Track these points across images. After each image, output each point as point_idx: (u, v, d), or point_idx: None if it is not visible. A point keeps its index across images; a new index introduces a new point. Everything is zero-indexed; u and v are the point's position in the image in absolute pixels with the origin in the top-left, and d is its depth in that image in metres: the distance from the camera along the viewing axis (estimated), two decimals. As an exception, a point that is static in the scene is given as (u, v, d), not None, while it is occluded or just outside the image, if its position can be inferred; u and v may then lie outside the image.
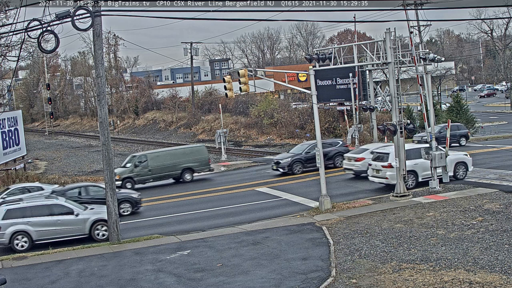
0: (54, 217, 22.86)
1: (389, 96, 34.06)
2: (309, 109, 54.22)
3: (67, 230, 22.96)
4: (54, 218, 22.83)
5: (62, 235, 22.92)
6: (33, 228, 22.47)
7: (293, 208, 25.99)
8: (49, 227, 22.71)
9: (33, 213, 22.74)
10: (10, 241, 22.32)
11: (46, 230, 22.66)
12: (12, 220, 22.40)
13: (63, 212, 23.04)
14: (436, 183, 26.57)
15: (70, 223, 22.95)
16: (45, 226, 22.64)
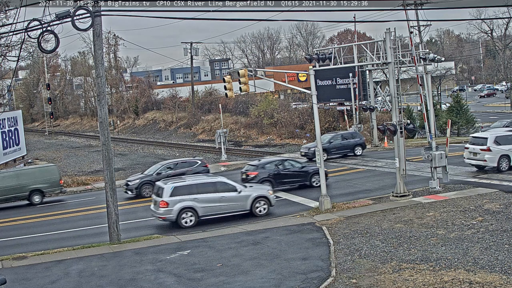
0: (219, 194, 24.18)
1: (389, 96, 34.08)
2: (309, 109, 54.21)
3: (230, 206, 24.26)
4: (219, 195, 24.13)
5: (225, 211, 24.29)
6: (199, 204, 23.67)
7: (293, 208, 26.00)
8: (214, 203, 23.97)
9: (199, 190, 23.96)
10: (178, 217, 23.53)
11: (211, 206, 23.90)
12: (179, 197, 23.52)
13: (227, 189, 24.42)
14: (436, 183, 26.57)
15: (233, 200, 24.21)
16: (210, 203, 23.86)
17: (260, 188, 25.69)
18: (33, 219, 28.97)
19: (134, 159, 52.94)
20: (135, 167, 46.59)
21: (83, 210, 29.94)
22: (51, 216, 29.20)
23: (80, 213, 29.08)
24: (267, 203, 25.08)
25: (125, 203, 30.32)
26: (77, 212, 29.44)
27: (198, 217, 23.73)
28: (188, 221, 23.64)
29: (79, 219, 27.91)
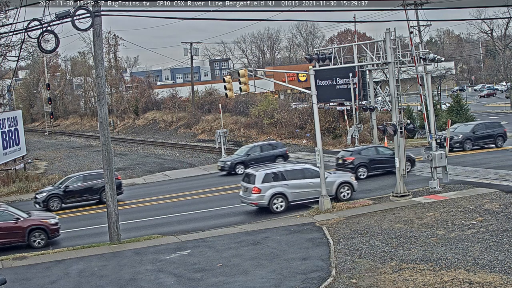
0: (307, 180, 25.34)
1: (389, 96, 34.06)
2: (309, 109, 54.18)
3: (316, 192, 25.01)
4: (307, 181, 25.29)
5: (312, 197, 25.25)
6: (289, 190, 24.90)
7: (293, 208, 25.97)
8: (302, 189, 25.14)
9: (288, 176, 25.20)
10: (269, 202, 24.71)
11: (299, 192, 25.08)
12: (270, 183, 24.73)
13: (313, 176, 25.38)
14: (436, 183, 26.57)
15: (319, 186, 24.73)
16: (298, 189, 25.05)
17: (343, 175, 26.99)
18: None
19: (134, 159, 52.93)
20: (135, 167, 46.62)
21: (83, 210, 29.94)
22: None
23: (80, 213, 29.08)
24: (350, 188, 26.37)
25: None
26: (77, 212, 29.44)
27: (288, 202, 24.92)
28: (279, 206, 24.88)
29: (79, 219, 27.91)
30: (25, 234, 22.64)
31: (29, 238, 22.69)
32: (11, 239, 22.62)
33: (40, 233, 22.84)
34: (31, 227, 22.70)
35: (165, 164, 47.40)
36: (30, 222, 22.80)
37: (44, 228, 22.90)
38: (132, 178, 40.55)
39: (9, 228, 22.45)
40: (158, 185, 36.86)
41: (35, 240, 22.73)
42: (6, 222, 22.48)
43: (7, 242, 22.53)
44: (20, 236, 22.63)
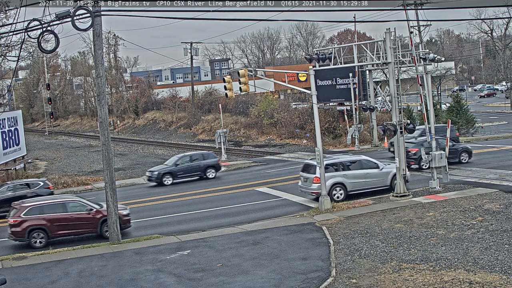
0: (364, 171, 26.38)
1: (389, 96, 34.07)
2: (309, 109, 54.19)
3: (373, 182, 26.27)
4: (364, 172, 26.32)
5: (369, 187, 26.35)
6: (348, 180, 25.95)
7: (293, 208, 26.00)
8: (360, 179, 26.20)
9: (346, 167, 26.36)
10: (329, 192, 25.39)
11: (357, 182, 26.10)
12: (331, 173, 25.64)
13: (370, 166, 26.52)
14: (436, 183, 26.58)
15: (376, 176, 26.16)
16: (357, 179, 26.08)
17: None
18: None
19: (134, 159, 52.94)
20: (135, 167, 46.62)
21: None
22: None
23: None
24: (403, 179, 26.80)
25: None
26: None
27: (347, 192, 25.89)
28: (339, 195, 25.89)
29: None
30: (98, 225, 23.31)
31: (101, 228, 23.33)
32: (83, 230, 23.37)
33: None
34: (103, 218, 23.16)
35: (165, 164, 47.34)
36: (103, 213, 23.26)
37: None
38: (132, 178, 40.56)
39: (82, 219, 23.23)
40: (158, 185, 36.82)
41: (107, 231, 22.88)
42: (79, 213, 23.24)
43: (79, 232, 23.34)
44: (93, 226, 23.35)
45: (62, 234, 23.10)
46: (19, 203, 23.80)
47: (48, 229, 22.73)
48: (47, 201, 23.67)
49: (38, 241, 22.69)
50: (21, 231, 22.60)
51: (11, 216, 22.89)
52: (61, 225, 22.94)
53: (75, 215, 23.21)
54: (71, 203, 23.72)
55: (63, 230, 23.04)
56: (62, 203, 23.62)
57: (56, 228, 22.88)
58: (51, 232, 22.81)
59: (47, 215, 22.78)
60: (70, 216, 23.14)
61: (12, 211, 23.21)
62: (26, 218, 22.63)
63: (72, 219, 23.12)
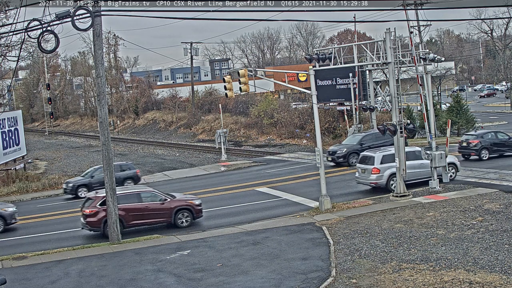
0: (418, 161, 27.40)
1: (389, 96, 34.06)
2: (309, 109, 54.19)
3: (426, 172, 27.05)
4: (418, 162, 27.34)
5: (422, 177, 27.19)
6: None
7: (293, 208, 25.99)
8: (415, 169, 27.14)
9: None
10: (387, 182, 26.79)
11: (412, 172, 26.78)
12: (387, 164, 26.71)
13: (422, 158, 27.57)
14: (436, 183, 26.57)
15: (426, 167, 26.97)
16: (412, 169, 26.79)
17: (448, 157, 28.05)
18: (33, 219, 28.97)
19: (134, 159, 52.91)
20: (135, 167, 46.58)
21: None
22: (51, 216, 29.21)
23: (80, 213, 29.02)
24: (454, 168, 28.50)
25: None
26: (77, 212, 29.40)
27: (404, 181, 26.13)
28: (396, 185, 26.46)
29: (79, 219, 27.88)
30: (172, 214, 23.96)
31: (175, 218, 24.02)
32: (158, 219, 24.02)
33: (186, 213, 24.18)
34: (177, 208, 24.03)
35: (165, 164, 47.41)
36: (177, 203, 24.17)
37: (190, 209, 24.27)
38: (132, 178, 40.51)
39: (157, 209, 23.82)
40: (158, 185, 36.82)
41: (181, 220, 24.01)
42: (153, 203, 23.84)
43: (153, 222, 23.98)
44: (167, 216, 23.96)
45: (136, 224, 23.73)
46: (93, 194, 24.37)
47: (124, 219, 23.16)
48: (122, 192, 24.04)
49: None
50: (96, 221, 23.08)
51: (87, 206, 23.35)
52: (136, 215, 23.52)
53: (150, 205, 23.79)
54: (146, 193, 24.32)
55: (137, 220, 23.65)
56: (137, 193, 24.17)
57: (131, 218, 23.46)
58: (126, 222, 23.33)
59: (123, 205, 23.13)
60: (145, 206, 23.73)
61: (87, 201, 23.72)
62: (102, 208, 22.98)
63: (146, 209, 23.70)
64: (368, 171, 27.30)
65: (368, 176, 27.36)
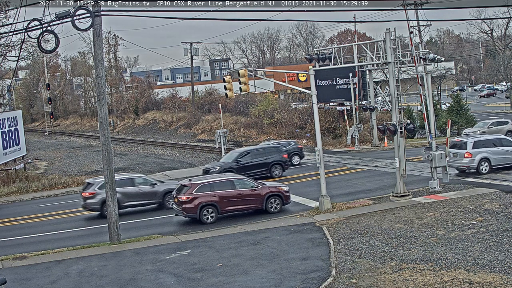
0: (504, 148, 29.65)
1: (389, 96, 34.07)
2: (309, 109, 54.19)
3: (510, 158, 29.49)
4: (505, 149, 29.62)
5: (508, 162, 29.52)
6: (492, 156, 29.40)
7: (293, 208, 25.98)
8: (501, 155, 29.51)
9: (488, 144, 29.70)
10: (477, 166, 29.05)
11: (499, 157, 29.45)
12: (478, 149, 29.27)
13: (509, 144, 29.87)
14: (436, 183, 26.57)
15: None
16: (499, 155, 29.41)
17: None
18: (32, 219, 28.98)
19: (134, 159, 52.93)
20: (135, 167, 46.60)
21: (83, 210, 29.91)
22: (51, 216, 29.20)
23: (80, 213, 29.05)
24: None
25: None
26: (77, 212, 29.42)
27: (491, 166, 29.20)
28: (485, 169, 29.12)
29: (79, 219, 27.92)
30: (263, 201, 25.07)
31: (266, 204, 25.16)
32: (250, 205, 25.09)
33: (276, 199, 25.34)
34: (268, 194, 25.18)
35: (165, 164, 47.40)
36: (268, 189, 25.30)
37: (280, 195, 25.39)
38: (132, 178, 40.48)
39: (249, 195, 24.92)
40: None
41: (271, 206, 25.22)
42: (246, 190, 24.94)
43: (246, 208, 25.04)
44: (259, 202, 25.02)
45: (230, 210, 24.71)
46: (187, 181, 25.16)
47: (219, 205, 24.25)
48: (216, 179, 25.37)
49: (208, 216, 24.23)
50: (193, 207, 23.94)
51: (183, 193, 24.24)
52: (230, 201, 24.49)
53: (243, 192, 24.79)
54: (238, 180, 25.54)
55: (231, 206, 24.64)
56: (230, 180, 25.31)
57: (226, 204, 24.43)
58: (221, 208, 24.36)
59: (218, 192, 24.36)
60: (238, 193, 24.75)
61: (182, 188, 24.60)
62: (198, 195, 24.05)
63: (240, 196, 24.73)
64: (460, 155, 29.52)
65: (461, 160, 29.53)
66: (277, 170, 34.99)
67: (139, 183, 28.00)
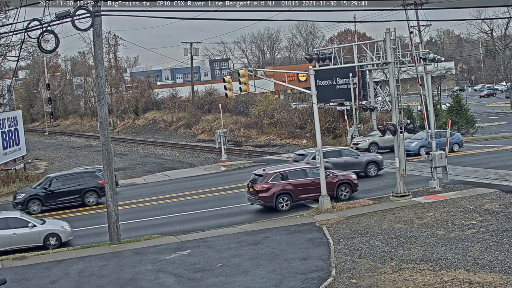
0: None
1: (389, 96, 34.06)
2: (309, 109, 54.20)
3: None
4: None
5: None
6: None
7: (292, 208, 25.97)
8: None
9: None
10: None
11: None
12: None
13: None
14: (436, 183, 26.57)
15: None
16: None
17: None
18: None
19: (134, 159, 52.94)
20: (135, 167, 46.63)
21: (83, 210, 29.92)
22: (51, 216, 29.15)
23: (80, 213, 29.07)
24: None
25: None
26: (77, 212, 29.43)
27: None
28: None
29: (79, 219, 27.91)
30: (334, 188, 26.21)
31: (337, 191, 26.36)
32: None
33: (346, 187, 26.58)
34: (339, 182, 26.47)
35: (165, 164, 47.41)
36: (338, 178, 26.56)
37: (349, 183, 26.68)
38: (132, 178, 40.56)
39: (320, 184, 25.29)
40: (158, 185, 36.87)
41: (342, 194, 26.46)
42: (317, 178, 25.41)
43: (318, 196, 25.12)
44: (330, 190, 25.71)
45: (303, 198, 25.78)
46: (261, 171, 26.19)
47: (293, 193, 25.43)
48: (290, 168, 26.47)
49: (284, 204, 25.30)
50: (269, 196, 25.06)
51: (259, 182, 25.28)
52: (303, 189, 25.60)
53: (315, 180, 25.51)
54: (310, 169, 26.44)
55: (304, 194, 25.72)
56: (303, 169, 26.38)
57: (299, 192, 25.59)
58: (295, 196, 25.51)
59: (292, 181, 25.54)
60: (311, 181, 25.73)
61: (257, 178, 25.56)
62: (273, 184, 25.19)
63: (312, 184, 25.62)
64: None
65: None
66: (92, 197, 30.61)
67: (346, 154, 31.58)
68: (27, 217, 22.93)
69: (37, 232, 22.15)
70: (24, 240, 22.00)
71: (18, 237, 21.93)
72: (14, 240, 21.88)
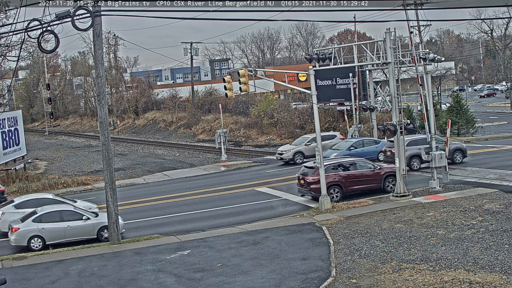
0: None
1: (389, 96, 34.06)
2: (309, 109, 54.20)
3: None
4: None
5: None
6: None
7: (293, 208, 26.01)
8: None
9: None
10: None
11: None
12: None
13: None
14: (436, 183, 26.57)
15: None
16: None
17: None
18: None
19: (134, 159, 52.94)
20: (135, 167, 46.63)
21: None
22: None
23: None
24: None
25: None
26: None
27: None
28: None
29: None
30: (382, 180, 26.93)
31: (384, 183, 27.00)
32: (370, 185, 26.82)
33: (393, 179, 26.71)
34: (386, 174, 27.07)
35: (165, 164, 47.41)
36: (386, 169, 27.21)
37: (395, 175, 26.28)
38: (132, 178, 40.56)
39: (369, 175, 26.83)
40: (158, 185, 36.88)
41: (389, 186, 26.91)
42: (366, 170, 26.79)
43: (367, 188, 26.65)
44: (377, 182, 26.83)
45: (353, 190, 26.50)
46: (312, 163, 26.86)
47: (344, 185, 26.26)
48: (340, 161, 27.39)
49: (334, 196, 25.95)
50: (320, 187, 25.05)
51: (310, 174, 26.08)
52: (353, 181, 26.46)
53: (364, 172, 26.66)
54: (360, 161, 27.55)
55: (354, 186, 26.53)
56: (353, 162, 27.34)
57: (349, 184, 26.39)
58: (345, 187, 26.31)
59: (342, 173, 26.48)
60: (360, 173, 26.71)
61: (308, 171, 26.37)
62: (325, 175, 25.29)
63: (362, 176, 26.65)
64: None
65: None
66: None
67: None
68: (81, 210, 23.53)
69: (91, 224, 22.75)
70: (78, 233, 22.57)
71: (72, 230, 22.45)
72: (68, 232, 22.42)
